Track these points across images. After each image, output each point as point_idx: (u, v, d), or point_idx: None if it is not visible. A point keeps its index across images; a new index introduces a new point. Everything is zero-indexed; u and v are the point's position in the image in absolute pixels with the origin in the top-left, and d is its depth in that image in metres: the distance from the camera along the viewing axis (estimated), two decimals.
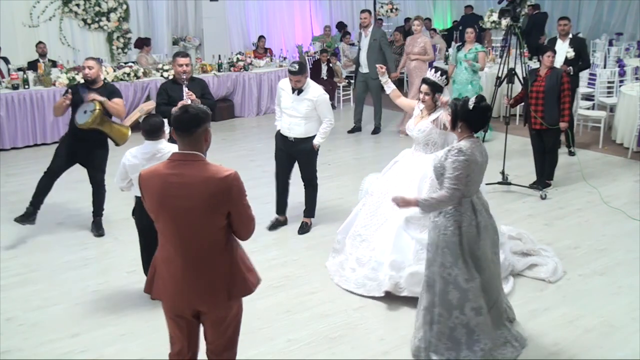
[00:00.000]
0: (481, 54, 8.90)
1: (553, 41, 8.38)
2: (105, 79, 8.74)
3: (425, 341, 3.84)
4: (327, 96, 5.75)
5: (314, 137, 5.74)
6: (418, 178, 4.81)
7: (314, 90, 5.62)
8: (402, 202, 3.84)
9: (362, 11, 9.68)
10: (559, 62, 8.05)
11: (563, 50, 8.22)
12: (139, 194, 4.63)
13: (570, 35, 8.20)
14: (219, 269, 2.92)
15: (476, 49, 8.86)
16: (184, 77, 5.66)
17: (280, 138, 5.86)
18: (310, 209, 6.10)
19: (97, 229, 6.01)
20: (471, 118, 3.68)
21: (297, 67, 5.48)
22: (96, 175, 5.93)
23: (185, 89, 5.64)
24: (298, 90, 5.59)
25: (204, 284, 2.90)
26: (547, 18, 12.78)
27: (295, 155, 5.85)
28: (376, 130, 9.90)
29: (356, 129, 9.99)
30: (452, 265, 3.70)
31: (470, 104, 3.67)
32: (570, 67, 8.02)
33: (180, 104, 5.56)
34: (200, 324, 3.11)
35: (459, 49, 9.16)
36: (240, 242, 3.04)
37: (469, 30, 9.00)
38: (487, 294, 3.81)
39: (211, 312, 2.99)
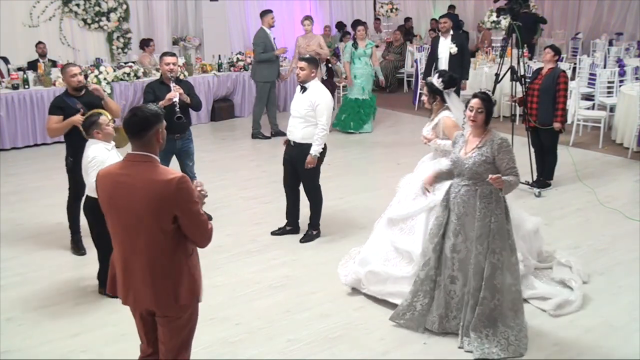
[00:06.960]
0: (374, 49, 9.73)
1: (437, 40, 9.09)
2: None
3: (466, 321, 4.01)
4: (329, 101, 5.46)
5: (310, 145, 5.44)
6: (416, 189, 4.69)
7: (317, 92, 5.41)
8: (497, 180, 3.71)
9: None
10: (444, 58, 8.89)
11: (446, 46, 8.90)
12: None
13: (452, 32, 8.66)
14: (165, 272, 2.90)
15: (370, 44, 9.64)
16: (171, 75, 5.79)
17: (287, 142, 5.67)
18: (311, 219, 5.81)
19: None
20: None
21: (308, 56, 5.58)
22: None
23: (172, 84, 5.74)
24: (302, 86, 5.45)
25: (150, 285, 2.91)
26: (536, 17, 12.82)
27: (295, 162, 5.58)
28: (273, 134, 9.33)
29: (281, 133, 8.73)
30: (501, 249, 3.89)
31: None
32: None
33: (167, 96, 5.62)
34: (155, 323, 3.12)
35: (354, 46, 9.65)
36: (201, 249, 3.01)
37: (360, 28, 9.70)
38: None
39: (162, 313, 2.99)
